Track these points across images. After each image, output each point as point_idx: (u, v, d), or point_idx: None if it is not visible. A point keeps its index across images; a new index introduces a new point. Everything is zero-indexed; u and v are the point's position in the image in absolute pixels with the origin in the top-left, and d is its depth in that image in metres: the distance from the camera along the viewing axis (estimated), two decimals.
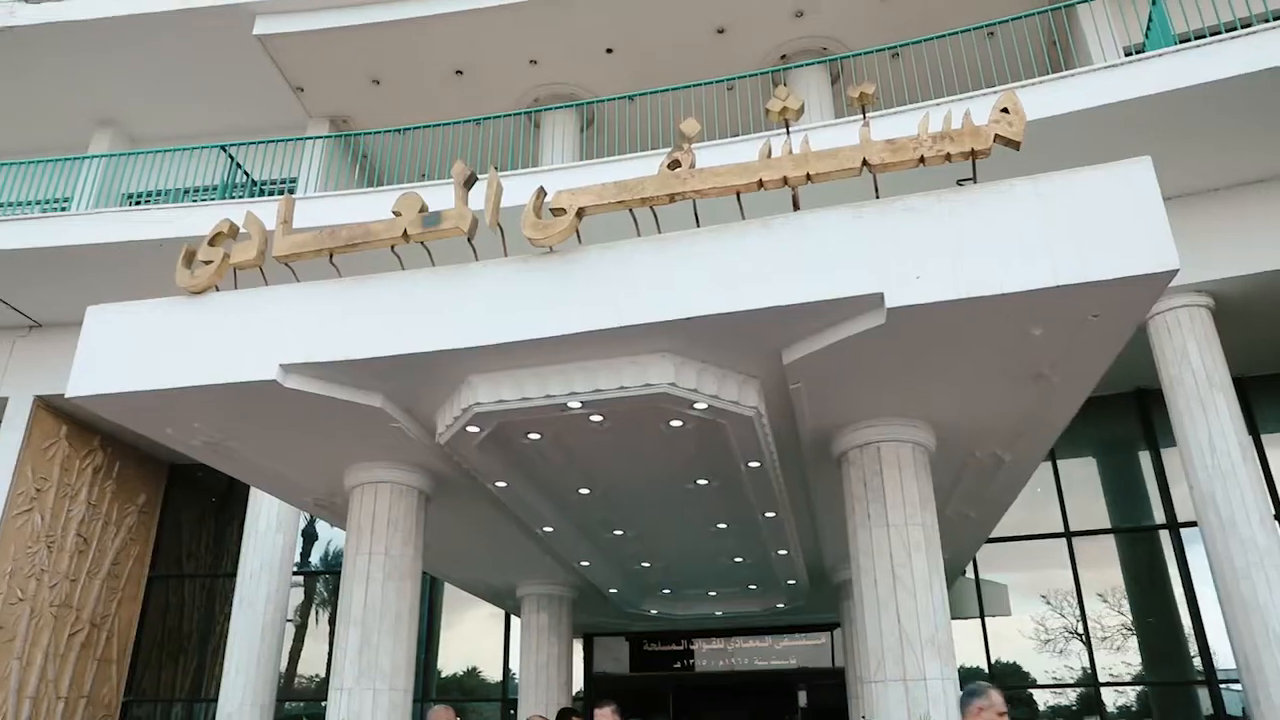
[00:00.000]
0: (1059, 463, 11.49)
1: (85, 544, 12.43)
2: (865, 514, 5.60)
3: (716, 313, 4.53)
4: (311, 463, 6.30)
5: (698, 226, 4.77)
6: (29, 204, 12.34)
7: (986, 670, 11.19)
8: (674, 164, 4.93)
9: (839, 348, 4.70)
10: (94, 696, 12.40)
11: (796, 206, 4.83)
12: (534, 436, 5.63)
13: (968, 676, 10.01)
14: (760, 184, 4.77)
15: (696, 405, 5.11)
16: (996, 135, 4.50)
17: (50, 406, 12.00)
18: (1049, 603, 11.32)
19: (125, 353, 5.34)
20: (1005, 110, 4.54)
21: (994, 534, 9.03)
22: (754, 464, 5.93)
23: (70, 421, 12.27)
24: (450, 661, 12.71)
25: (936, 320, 4.43)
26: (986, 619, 11.43)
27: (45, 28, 12.63)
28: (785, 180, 4.75)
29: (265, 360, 5.06)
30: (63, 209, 12.50)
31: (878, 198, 4.56)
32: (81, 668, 12.23)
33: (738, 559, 8.90)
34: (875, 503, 5.57)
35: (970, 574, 11.50)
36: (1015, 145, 4.53)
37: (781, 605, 10.65)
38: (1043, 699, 11.15)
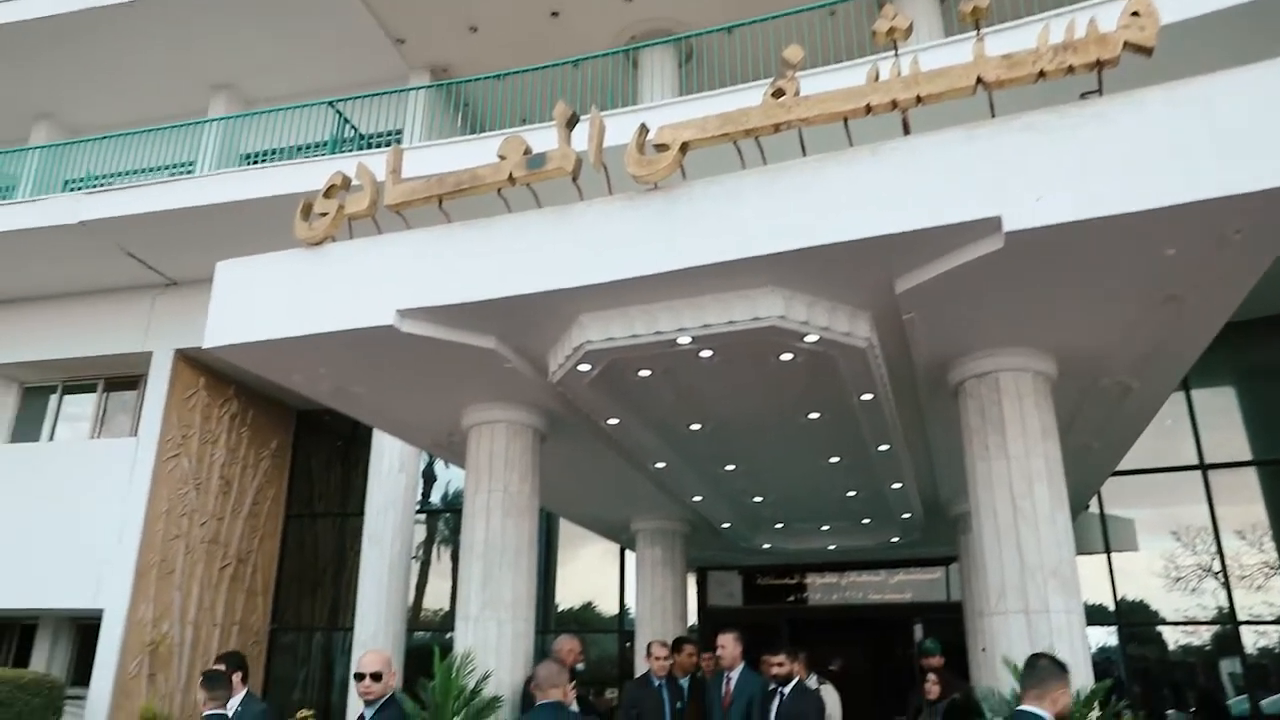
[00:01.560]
0: (1193, 392, 10.91)
1: (227, 485, 13.31)
2: (984, 445, 5.45)
3: (826, 244, 4.44)
4: (430, 404, 6.54)
5: (804, 156, 4.66)
6: (157, 169, 13.02)
7: (1113, 607, 10.88)
8: (778, 93, 4.81)
9: (954, 275, 4.56)
10: (245, 624, 13.40)
11: (907, 130, 4.66)
12: (644, 373, 5.67)
13: (1092, 613, 9.77)
14: (868, 109, 4.61)
15: (807, 338, 5.04)
16: (1126, 42, 4.21)
17: (189, 359, 12.79)
18: (1180, 539, 10.86)
19: (253, 304, 5.63)
20: (1135, 14, 4.24)
21: (1121, 467, 8.68)
22: (866, 397, 5.85)
23: (207, 372, 13.06)
24: (567, 596, 13.13)
25: (1059, 243, 4.23)
26: (1112, 554, 11.07)
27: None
28: (894, 104, 4.58)
29: (382, 306, 5.24)
30: (187, 173, 13.14)
31: (993, 117, 4.35)
32: (232, 598, 13.21)
33: (851, 493, 8.84)
34: (994, 434, 5.41)
35: (1095, 508, 11.12)
36: (1147, 51, 4.22)
37: (896, 539, 10.56)
38: (1173, 637, 10.78)
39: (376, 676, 4.49)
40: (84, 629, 13.46)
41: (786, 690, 6.12)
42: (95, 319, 13.12)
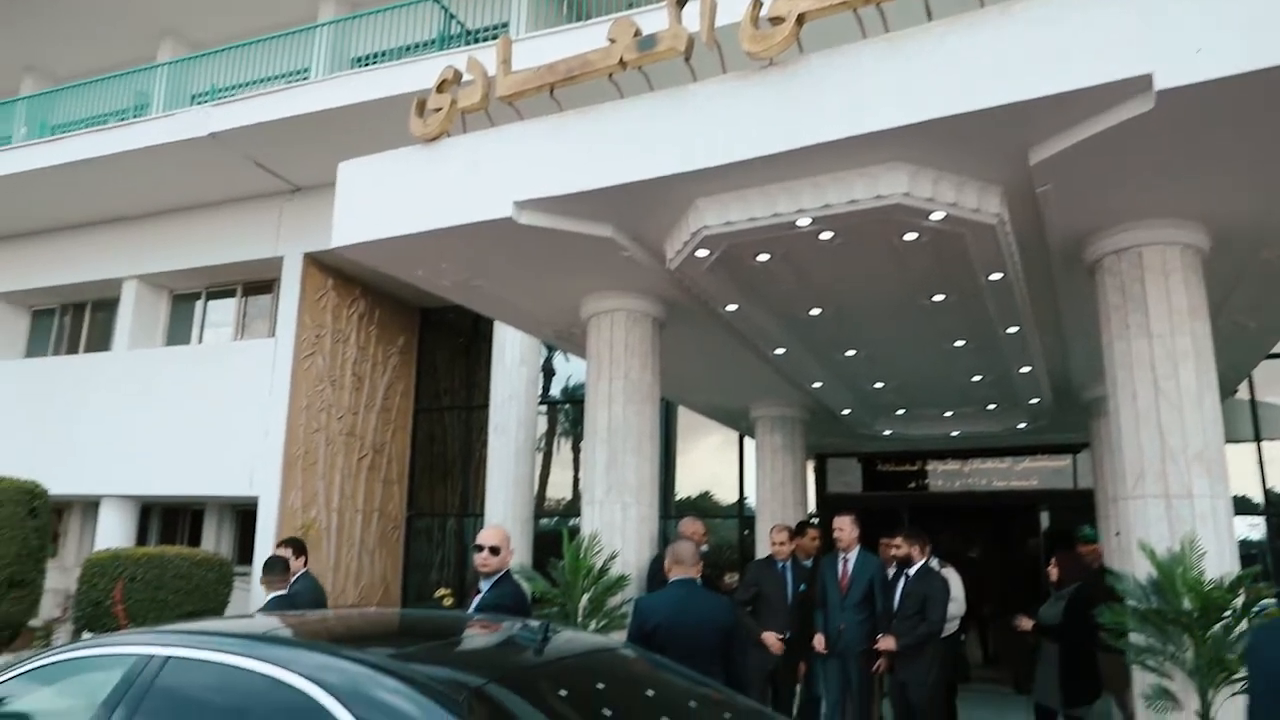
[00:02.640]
0: None
1: (360, 382, 14.00)
2: (1123, 324, 5.17)
3: (954, 114, 4.19)
4: (550, 295, 6.64)
5: (929, 21, 4.37)
6: (275, 78, 13.31)
7: (1261, 498, 10.37)
8: None
9: (1095, 142, 4.25)
10: (383, 511, 14.29)
11: None
12: (763, 258, 5.58)
13: (1238, 503, 9.33)
14: None
15: (932, 216, 4.84)
16: None
17: (317, 262, 13.32)
18: None
19: (375, 203, 5.77)
20: None
21: (1277, 349, 8.14)
22: (995, 276, 5.60)
23: (335, 274, 13.59)
24: (686, 484, 13.40)
25: (1219, 100, 3.88)
26: (1262, 443, 10.48)
27: None
28: None
29: (500, 199, 5.29)
30: (303, 80, 13.39)
31: None
32: (370, 487, 14.07)
33: (976, 378, 8.60)
34: (1135, 312, 5.12)
35: (1245, 394, 10.49)
36: None
37: (1023, 425, 10.27)
38: None
39: (495, 550, 4.58)
40: (243, 514, 14.64)
41: (911, 572, 6.14)
42: (230, 227, 13.76)
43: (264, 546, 12.34)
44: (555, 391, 14.58)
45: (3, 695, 2.91)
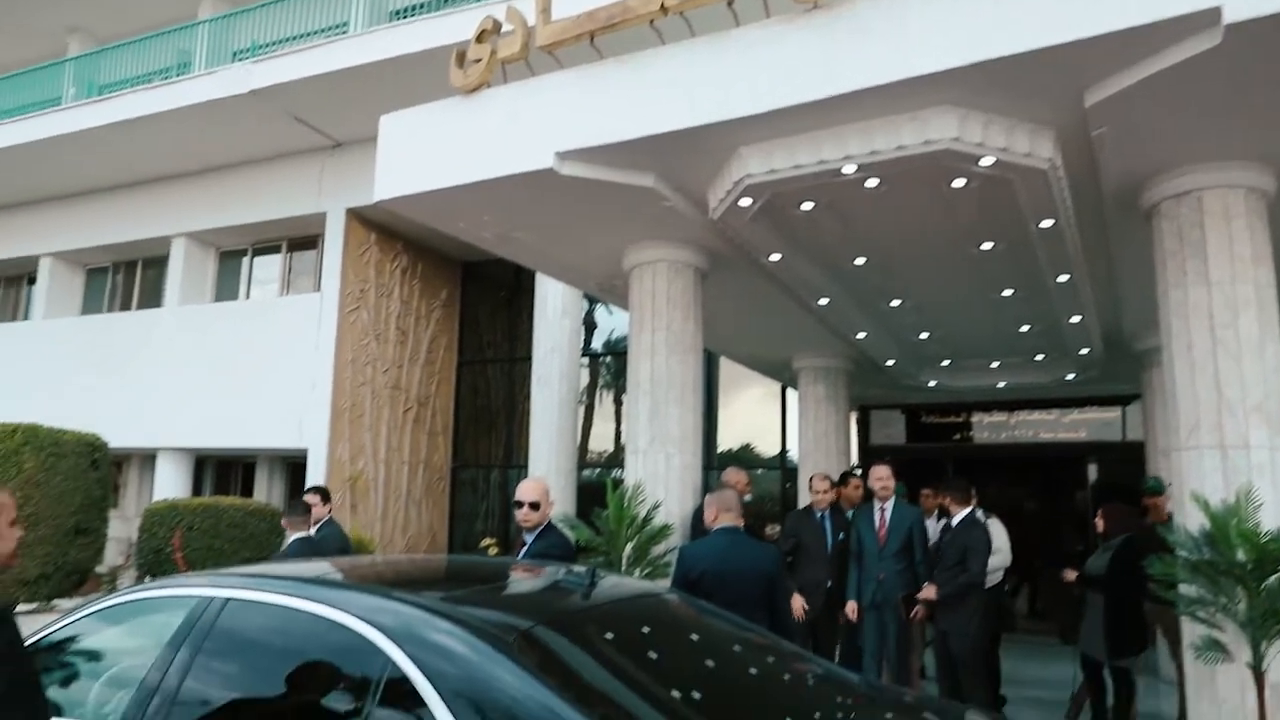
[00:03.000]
0: None
1: (403, 335, 14.16)
2: (1180, 271, 5.03)
3: (1007, 55, 4.06)
4: (591, 247, 6.62)
5: None
6: (314, 33, 13.30)
7: None
8: None
9: (1155, 82, 4.10)
10: (429, 462, 14.53)
11: None
12: (807, 206, 5.50)
13: None
14: None
15: (982, 161, 4.71)
16: None
17: (360, 217, 13.41)
18: None
19: (416, 155, 5.77)
20: None
21: None
22: (1046, 223, 5.47)
23: (377, 229, 13.68)
24: (728, 436, 13.41)
25: None
26: None
27: None
28: None
29: (541, 149, 5.26)
30: (342, 34, 13.36)
31: None
32: (416, 439, 14.30)
33: (1024, 328, 8.44)
34: (1194, 258, 4.97)
35: None
36: None
37: (1072, 376, 10.09)
38: None
39: (535, 505, 4.56)
40: (293, 466, 14.98)
41: (954, 522, 6.11)
42: (273, 184, 13.88)
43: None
44: (597, 344, 14.62)
45: (75, 633, 3.03)
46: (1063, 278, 6.54)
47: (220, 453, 15.02)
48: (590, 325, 14.53)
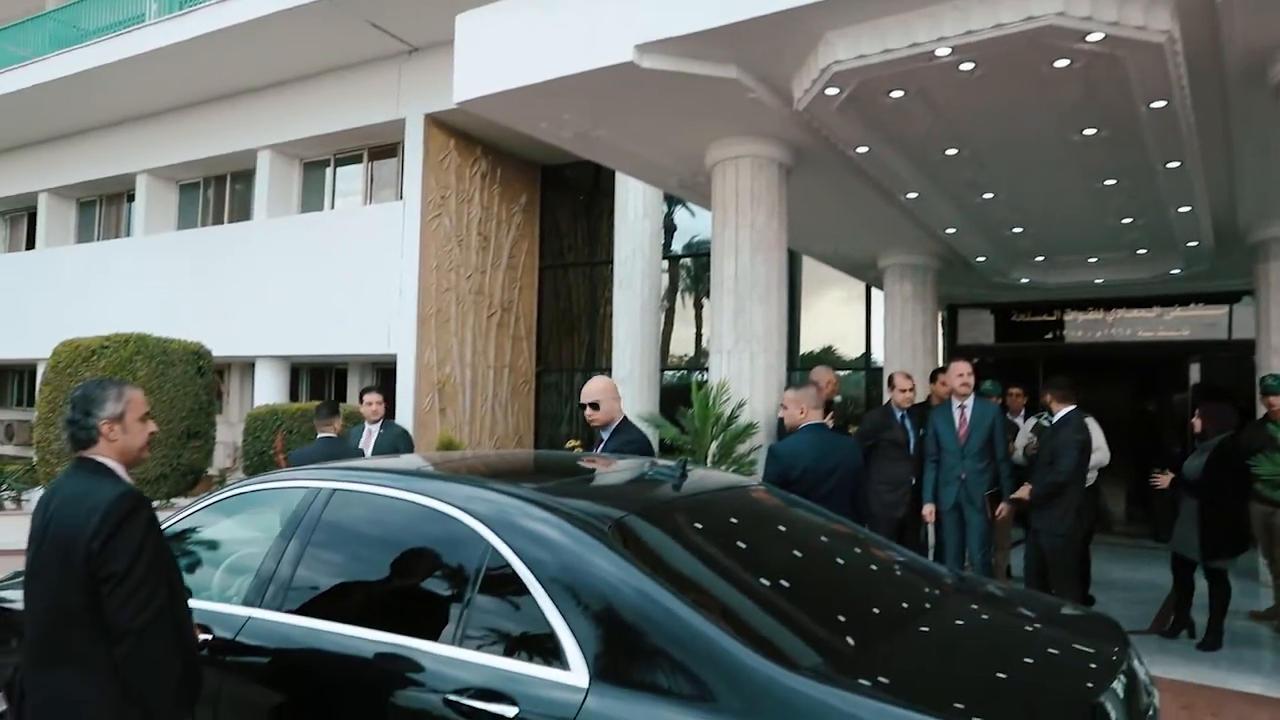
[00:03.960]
0: None
1: (485, 241, 14.28)
2: None
3: None
4: (673, 143, 6.49)
5: None
6: None
7: None
8: None
9: None
10: (513, 366, 14.82)
11: None
12: (897, 94, 5.25)
13: None
14: None
15: (1089, 37, 4.40)
16: None
17: (438, 122, 13.40)
18: None
19: (495, 55, 5.68)
20: None
21: None
22: (1158, 104, 5.11)
23: (456, 135, 13.67)
24: (810, 338, 13.27)
25: None
26: None
27: None
28: None
29: (620, 43, 5.12)
30: None
31: None
32: (501, 344, 14.56)
33: (1126, 220, 8.02)
34: None
35: None
36: None
37: (1177, 271, 9.60)
38: None
39: (595, 405, 4.51)
40: (383, 371, 15.45)
41: (1050, 421, 5.97)
42: (351, 92, 13.93)
43: (404, 402, 13.06)
44: (677, 247, 14.50)
45: (196, 524, 3.22)
46: (1173, 164, 6.15)
47: (313, 360, 15.59)
48: (670, 228, 14.40)
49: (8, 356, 18.91)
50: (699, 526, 2.72)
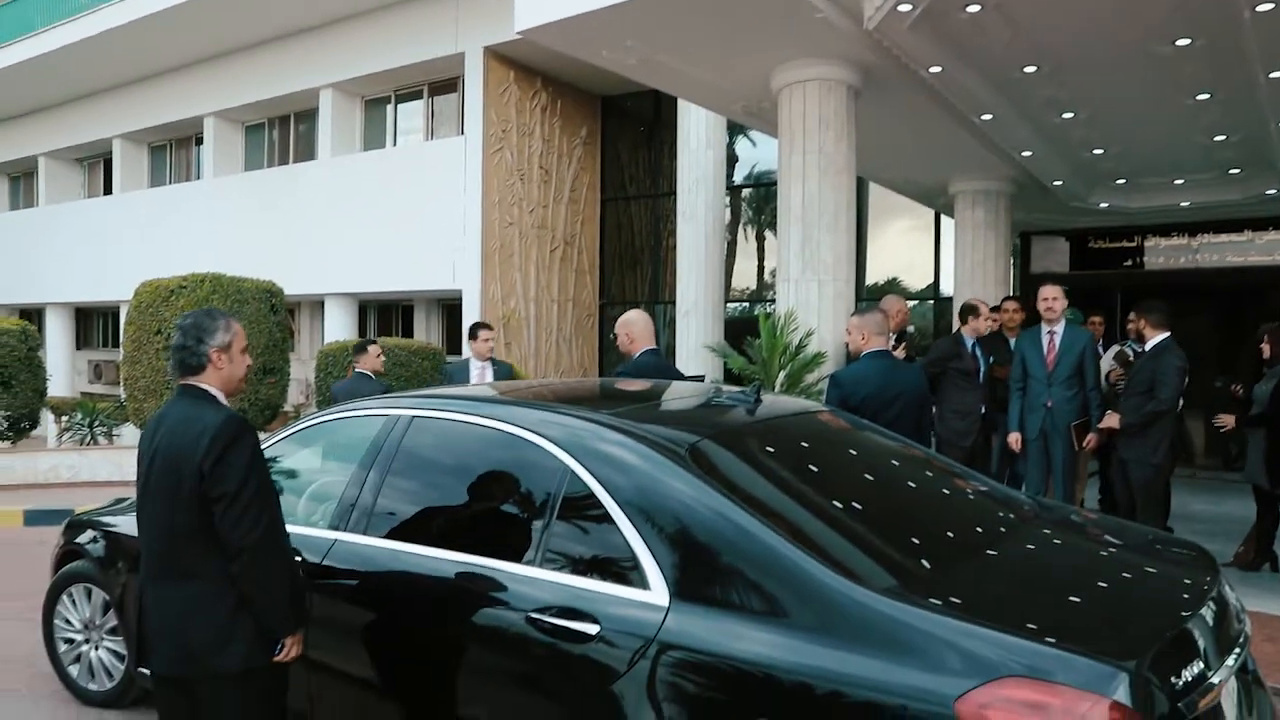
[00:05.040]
0: None
1: (547, 175, 14.23)
2: None
3: None
4: (738, 67, 6.32)
5: None
6: None
7: None
8: None
9: None
10: (577, 300, 14.87)
11: None
12: (973, 9, 5.02)
13: None
14: None
15: None
16: None
17: (498, 55, 13.28)
18: None
19: None
20: None
21: None
22: (1264, 6, 4.78)
23: (515, 67, 13.54)
24: (877, 267, 13.02)
25: None
26: None
27: None
28: None
29: None
30: None
31: None
32: (564, 277, 14.60)
33: (1219, 137, 7.60)
34: None
35: None
36: None
37: (1273, 191, 9.10)
38: None
39: (614, 336, 4.75)
40: (448, 307, 15.67)
41: (1145, 348, 5.75)
42: (410, 27, 13.87)
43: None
44: (739, 177, 14.27)
45: (280, 452, 3.32)
46: (1276, 74, 5.79)
47: (381, 296, 15.85)
48: (732, 159, 14.17)
49: (93, 299, 19.65)
50: (773, 450, 2.71)
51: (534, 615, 2.30)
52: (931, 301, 12.47)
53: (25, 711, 3.93)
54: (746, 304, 14.01)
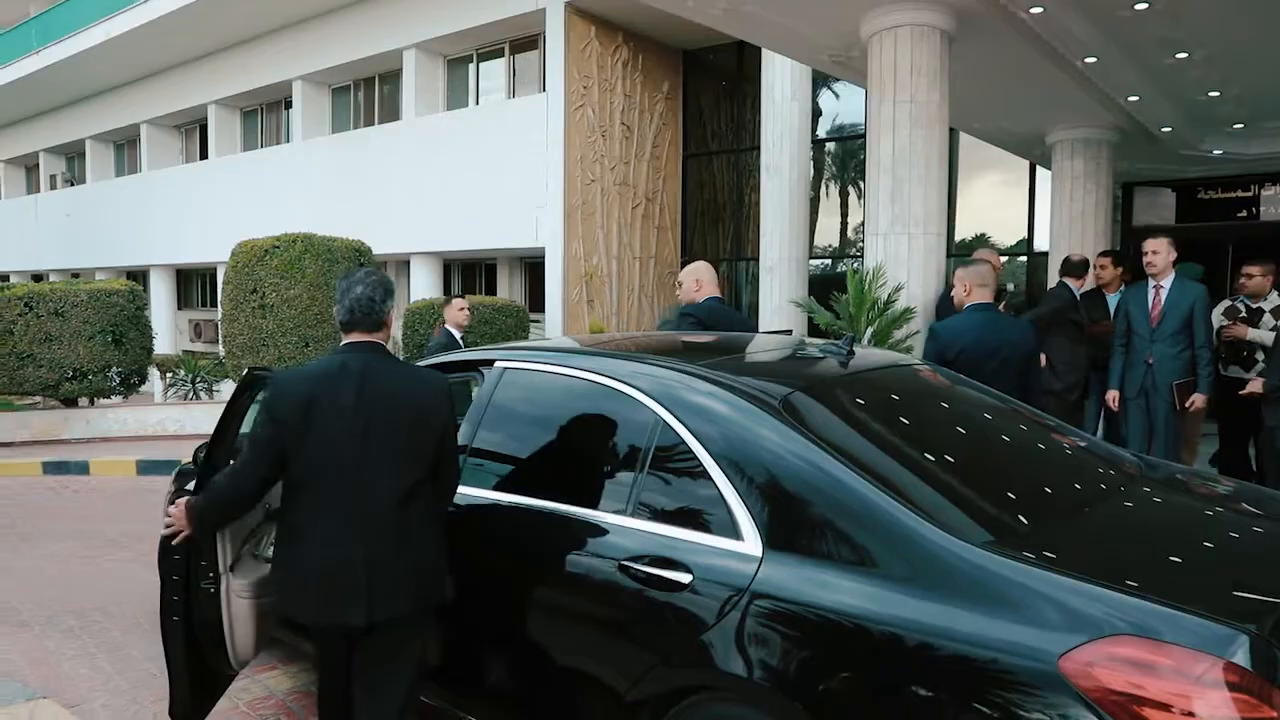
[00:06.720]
0: None
1: (628, 131, 14.13)
2: None
3: None
4: (826, 14, 6.13)
5: None
6: None
7: None
8: None
9: None
10: (659, 257, 14.83)
11: None
12: None
13: None
14: None
15: None
16: None
17: (578, 10, 13.19)
18: None
19: None
20: None
21: None
22: None
23: (596, 22, 13.43)
24: (966, 222, 12.59)
25: None
26: None
27: None
28: None
29: None
30: None
31: None
32: (646, 235, 14.56)
33: None
34: None
35: None
36: None
37: None
38: None
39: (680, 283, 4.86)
40: (531, 265, 15.82)
41: (1269, 305, 5.42)
42: None
43: (553, 294, 13.35)
44: (822, 131, 13.94)
45: None
46: None
47: (465, 255, 16.08)
48: (816, 112, 13.83)
49: (192, 260, 20.45)
50: (865, 402, 2.67)
51: (626, 563, 2.33)
52: (1024, 258, 12.04)
53: (150, 643, 4.20)
54: (829, 260, 13.76)
